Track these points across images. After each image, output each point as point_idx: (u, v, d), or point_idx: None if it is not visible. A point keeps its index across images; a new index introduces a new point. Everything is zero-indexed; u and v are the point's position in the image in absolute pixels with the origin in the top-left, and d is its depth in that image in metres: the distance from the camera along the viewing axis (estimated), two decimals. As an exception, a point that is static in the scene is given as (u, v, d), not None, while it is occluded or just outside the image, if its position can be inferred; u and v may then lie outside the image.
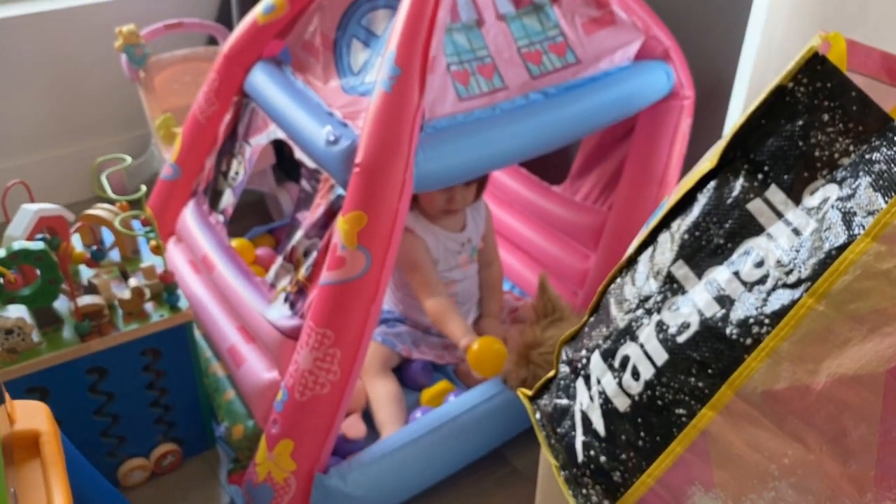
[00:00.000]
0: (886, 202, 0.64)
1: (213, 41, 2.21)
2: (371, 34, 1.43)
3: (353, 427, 1.45)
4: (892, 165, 0.67)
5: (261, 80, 1.52)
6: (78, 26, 2.08)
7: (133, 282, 1.34)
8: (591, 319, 0.89)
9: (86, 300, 1.28)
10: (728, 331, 0.70)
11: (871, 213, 0.65)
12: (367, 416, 1.51)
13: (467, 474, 1.48)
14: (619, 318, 0.82)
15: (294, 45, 1.54)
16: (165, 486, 1.45)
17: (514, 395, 1.44)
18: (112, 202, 1.44)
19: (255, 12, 1.54)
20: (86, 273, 1.40)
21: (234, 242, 1.80)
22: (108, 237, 1.47)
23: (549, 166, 1.83)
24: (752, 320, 0.69)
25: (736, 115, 1.49)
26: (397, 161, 1.20)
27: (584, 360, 0.85)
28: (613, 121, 1.46)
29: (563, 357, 0.91)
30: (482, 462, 1.49)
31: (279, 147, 1.98)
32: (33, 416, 1.02)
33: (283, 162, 2.10)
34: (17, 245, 1.21)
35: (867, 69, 0.90)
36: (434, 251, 1.59)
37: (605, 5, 1.43)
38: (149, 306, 1.34)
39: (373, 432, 1.48)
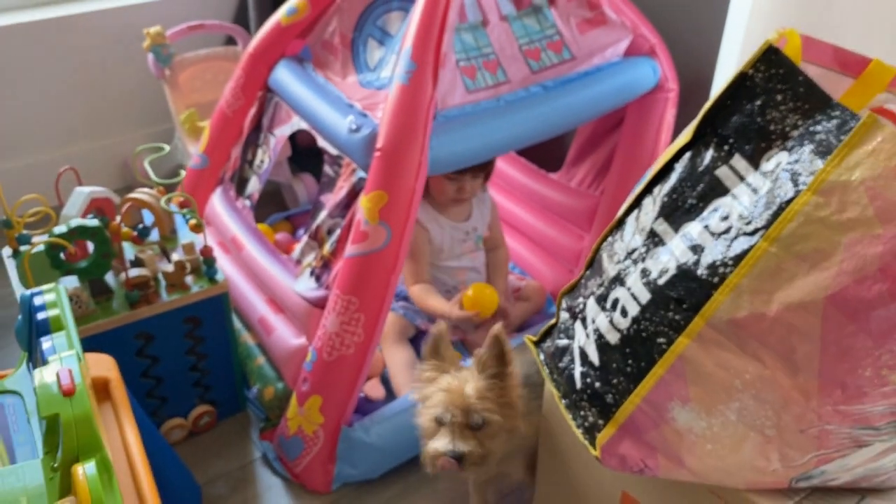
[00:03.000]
0: (824, 163, 0.80)
1: (230, 41, 2.36)
2: (386, 34, 1.58)
3: (374, 389, 1.61)
4: (830, 135, 0.82)
5: (284, 77, 1.67)
6: (108, 28, 2.24)
7: (175, 257, 1.49)
8: (587, 273, 1.04)
9: (134, 272, 1.43)
10: (699, 272, 0.86)
11: (812, 173, 0.81)
12: (385, 381, 1.67)
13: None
14: (611, 269, 0.97)
15: (314, 44, 1.69)
16: (203, 443, 1.60)
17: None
18: (151, 186, 1.59)
19: (279, 14, 1.69)
20: (129, 251, 1.55)
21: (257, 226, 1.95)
22: (147, 219, 1.61)
23: (546, 155, 1.99)
24: (718, 263, 0.84)
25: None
26: (414, 145, 1.35)
27: (581, 306, 1.01)
28: (605, 111, 1.61)
29: (563, 305, 1.06)
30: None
31: (293, 141, 2.14)
32: (103, 365, 1.17)
33: (298, 154, 2.25)
34: (75, 222, 1.36)
35: (821, 61, 1.05)
36: (438, 239, 1.73)
37: (596, 7, 1.59)
38: (189, 279, 1.49)
39: (390, 395, 1.63)
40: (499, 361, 1.15)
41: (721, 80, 1.65)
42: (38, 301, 1.06)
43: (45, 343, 0.99)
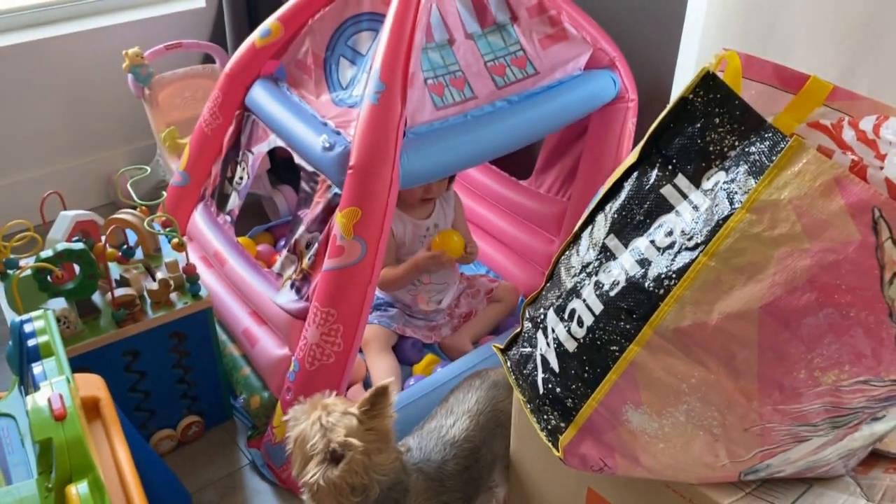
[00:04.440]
0: (756, 183, 0.87)
1: (208, 59, 2.41)
2: (357, 53, 1.64)
3: (357, 395, 1.67)
4: (762, 156, 0.89)
5: (260, 96, 1.72)
6: (88, 49, 2.29)
7: (160, 275, 1.54)
8: (548, 285, 1.11)
9: (120, 291, 1.49)
10: (647, 284, 0.92)
11: (746, 192, 0.87)
12: (368, 387, 1.73)
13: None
14: (568, 281, 1.04)
15: (288, 63, 1.75)
16: (191, 453, 1.66)
17: (491, 363, 1.67)
18: (134, 207, 1.65)
19: (254, 36, 1.75)
20: (114, 270, 1.60)
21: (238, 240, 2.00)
22: (131, 238, 1.67)
23: (516, 163, 2.05)
24: (663, 276, 0.91)
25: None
26: (385, 163, 1.41)
27: (542, 316, 1.07)
28: (569, 122, 1.68)
29: (527, 315, 1.13)
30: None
31: (272, 154, 2.19)
32: (92, 385, 1.23)
33: (276, 167, 2.31)
34: (61, 246, 1.41)
35: (762, 78, 1.12)
36: (400, 234, 1.82)
37: (558, 23, 1.65)
38: (173, 296, 1.54)
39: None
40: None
41: (680, 88, 1.71)
42: (28, 328, 1.11)
43: (36, 368, 1.04)
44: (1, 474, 1.03)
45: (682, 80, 1.69)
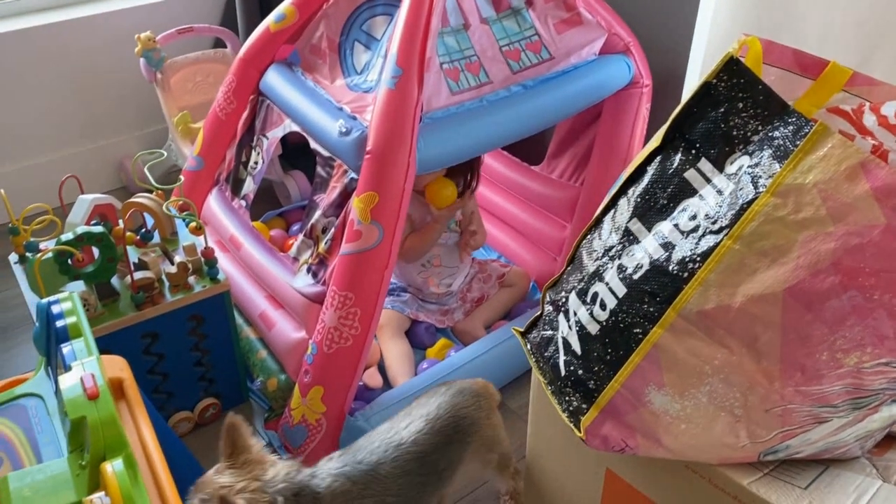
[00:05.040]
0: (781, 167, 0.88)
1: (219, 43, 2.42)
2: (371, 38, 1.64)
3: (372, 378, 1.69)
4: (787, 140, 0.90)
5: (275, 81, 1.73)
6: (100, 33, 2.29)
7: (178, 258, 1.56)
8: (569, 268, 1.12)
9: (139, 274, 1.50)
10: (670, 268, 0.93)
11: (770, 176, 0.88)
12: (382, 370, 1.75)
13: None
14: (590, 265, 1.05)
15: (303, 48, 1.75)
16: (208, 434, 1.67)
17: (505, 348, 1.69)
18: (149, 191, 1.66)
19: (268, 21, 1.75)
20: (132, 253, 1.61)
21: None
22: (149, 222, 1.67)
23: (528, 149, 2.06)
24: (687, 259, 0.92)
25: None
26: (402, 148, 1.42)
27: (564, 299, 1.08)
28: (583, 107, 1.69)
29: (548, 299, 1.14)
30: (480, 405, 1.73)
31: (284, 138, 2.20)
32: (116, 366, 1.24)
33: (288, 152, 2.31)
34: (81, 229, 1.42)
35: (782, 63, 1.13)
36: (412, 214, 1.80)
37: (573, 7, 1.66)
38: (191, 279, 1.56)
39: (387, 383, 1.72)
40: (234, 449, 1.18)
41: (694, 73, 1.72)
42: (55, 309, 1.12)
43: (66, 349, 1.06)
44: (32, 453, 1.04)
45: (696, 66, 1.69)
